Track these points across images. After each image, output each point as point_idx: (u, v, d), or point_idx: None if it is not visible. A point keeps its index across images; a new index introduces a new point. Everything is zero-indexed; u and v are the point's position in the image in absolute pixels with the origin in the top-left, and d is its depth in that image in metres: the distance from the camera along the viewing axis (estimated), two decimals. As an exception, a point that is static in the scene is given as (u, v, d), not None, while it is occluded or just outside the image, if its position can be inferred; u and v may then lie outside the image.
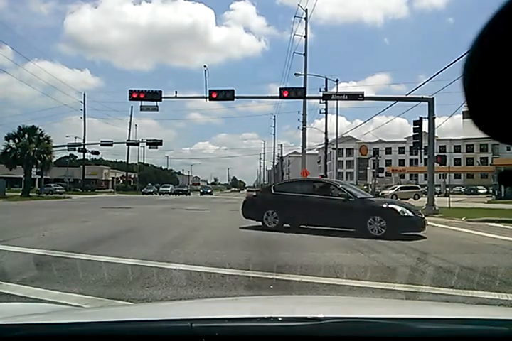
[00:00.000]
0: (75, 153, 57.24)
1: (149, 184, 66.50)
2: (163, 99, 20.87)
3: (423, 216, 10.31)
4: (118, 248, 7.41)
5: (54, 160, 40.52)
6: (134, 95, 20.39)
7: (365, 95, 20.03)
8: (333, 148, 40.13)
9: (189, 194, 56.55)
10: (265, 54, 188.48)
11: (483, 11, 0.63)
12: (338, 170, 42.01)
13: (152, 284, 4.73)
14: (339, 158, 53.41)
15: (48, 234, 9.14)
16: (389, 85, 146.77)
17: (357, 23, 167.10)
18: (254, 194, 13.64)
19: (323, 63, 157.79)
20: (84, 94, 55.80)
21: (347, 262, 6.24)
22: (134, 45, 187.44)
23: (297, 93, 20.31)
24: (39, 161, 35.66)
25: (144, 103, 21.06)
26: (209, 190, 62.09)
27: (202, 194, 58.64)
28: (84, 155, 52.86)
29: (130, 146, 52.89)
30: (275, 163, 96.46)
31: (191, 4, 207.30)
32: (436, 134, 20.70)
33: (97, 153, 47.27)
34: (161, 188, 58.60)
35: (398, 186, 42.10)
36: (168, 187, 58.77)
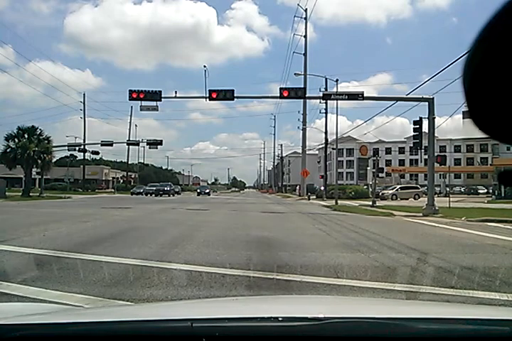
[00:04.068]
0: (75, 153, 57.00)
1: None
2: (164, 99, 20.89)
3: None
4: (118, 248, 7.41)
5: (54, 160, 40.64)
6: (134, 95, 20.39)
7: (366, 95, 20.04)
8: (333, 148, 40.12)
9: (172, 195, 48.71)
10: (267, 53, 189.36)
11: (486, 11, 0.64)
12: (338, 170, 41.98)
13: (153, 284, 4.73)
14: (339, 158, 53.37)
15: (49, 234, 9.14)
16: (391, 85, 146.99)
17: (359, 22, 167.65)
18: None
19: (325, 63, 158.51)
20: (84, 94, 56.01)
21: (347, 262, 6.24)
22: (135, 44, 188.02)
23: (297, 93, 20.31)
24: (39, 161, 35.69)
25: (143, 103, 21.07)
26: (207, 190, 57.86)
27: (199, 194, 54.26)
28: (84, 155, 53.01)
29: (130, 146, 52.96)
30: (275, 163, 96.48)
31: (193, 3, 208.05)
32: (436, 134, 20.71)
33: (97, 153, 47.28)
34: (146, 188, 51.62)
35: (398, 186, 42.10)
36: (154, 187, 50.94)
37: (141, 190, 51.58)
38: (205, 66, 21.39)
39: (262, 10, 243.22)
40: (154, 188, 49.33)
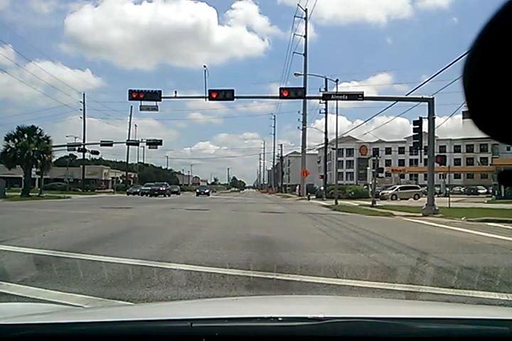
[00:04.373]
0: (75, 153, 56.80)
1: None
2: (164, 99, 20.92)
3: None
4: (118, 248, 7.40)
5: (54, 160, 40.60)
6: (134, 95, 20.41)
7: (365, 95, 20.05)
8: (333, 148, 40.13)
9: (168, 195, 46.27)
10: (268, 53, 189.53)
11: (486, 11, 0.63)
12: (338, 170, 41.98)
13: (152, 284, 4.72)
14: (339, 158, 53.38)
15: (48, 234, 9.14)
16: (391, 85, 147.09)
17: (360, 22, 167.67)
18: None
19: (326, 63, 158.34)
20: (84, 94, 55.90)
21: (347, 262, 6.24)
22: (135, 44, 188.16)
23: (297, 93, 20.32)
24: (39, 161, 35.72)
25: (143, 103, 21.09)
26: (206, 190, 55.52)
27: (198, 194, 52.21)
28: (84, 155, 52.88)
29: (130, 146, 52.89)
30: (275, 163, 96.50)
31: (193, 3, 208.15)
32: (436, 134, 20.72)
33: (96, 153, 47.30)
34: (142, 188, 48.89)
35: (398, 186, 42.12)
36: (149, 187, 47.81)
37: (138, 190, 49.49)
38: (205, 66, 21.49)
39: (263, 10, 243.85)
40: (149, 188, 46.49)
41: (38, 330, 1.25)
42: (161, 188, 46.27)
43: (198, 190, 56.48)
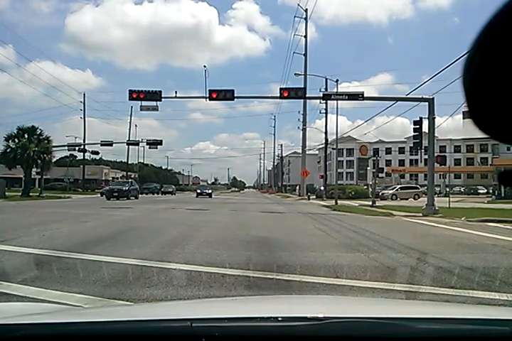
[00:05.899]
0: (75, 153, 56.76)
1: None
2: (164, 99, 20.91)
3: None
4: (118, 248, 7.40)
5: (54, 160, 40.63)
6: (134, 95, 20.40)
7: (366, 95, 20.05)
8: (333, 148, 40.14)
9: (135, 197, 34.57)
10: (268, 53, 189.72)
11: (487, 11, 0.64)
12: (338, 170, 41.98)
13: (152, 284, 4.72)
14: (339, 158, 53.38)
15: (48, 234, 9.14)
16: (392, 85, 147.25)
17: (361, 22, 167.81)
18: None
19: (327, 63, 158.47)
20: (84, 94, 55.81)
21: (347, 262, 6.24)
22: (136, 44, 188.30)
23: (297, 93, 20.32)
24: (39, 161, 35.76)
25: (143, 103, 21.09)
26: (208, 191, 46.76)
27: (199, 195, 44.72)
28: (84, 155, 52.85)
29: (130, 146, 52.81)
30: (275, 163, 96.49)
31: (194, 3, 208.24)
32: (436, 134, 20.72)
33: (97, 153, 47.28)
34: (110, 186, 36.57)
35: (398, 186, 42.13)
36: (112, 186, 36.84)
37: None
38: (205, 66, 21.51)
39: (263, 10, 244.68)
40: (107, 188, 35.45)
41: (38, 330, 1.25)
42: (123, 188, 33.12)
43: (198, 191, 47.25)
